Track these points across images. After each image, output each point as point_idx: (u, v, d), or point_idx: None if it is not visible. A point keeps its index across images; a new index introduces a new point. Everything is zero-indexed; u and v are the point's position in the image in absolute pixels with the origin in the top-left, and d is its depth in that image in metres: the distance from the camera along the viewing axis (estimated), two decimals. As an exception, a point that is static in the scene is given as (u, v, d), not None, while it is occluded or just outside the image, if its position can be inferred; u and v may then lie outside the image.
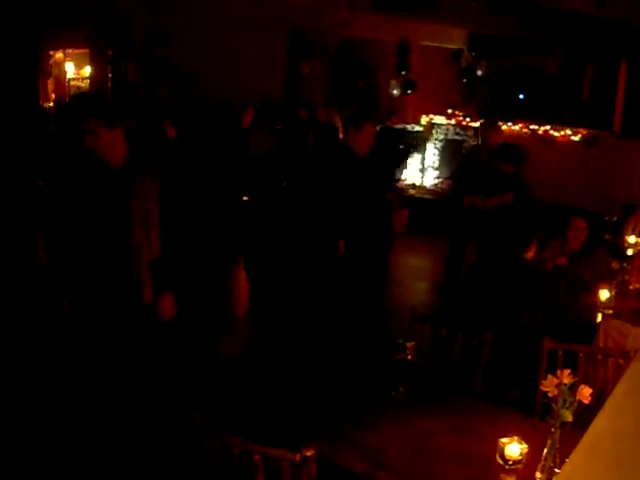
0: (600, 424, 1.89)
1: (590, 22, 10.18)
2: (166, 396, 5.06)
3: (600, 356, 3.96)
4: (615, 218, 7.51)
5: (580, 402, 2.86)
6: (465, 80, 12.43)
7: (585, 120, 12.16)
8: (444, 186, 12.02)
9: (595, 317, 5.21)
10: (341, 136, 10.41)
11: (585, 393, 2.83)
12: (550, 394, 2.85)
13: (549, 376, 2.87)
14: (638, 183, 9.64)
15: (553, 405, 2.87)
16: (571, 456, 1.71)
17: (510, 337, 5.33)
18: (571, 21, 10.67)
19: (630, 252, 6.55)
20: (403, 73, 12.74)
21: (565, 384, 2.85)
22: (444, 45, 12.92)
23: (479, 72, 11.74)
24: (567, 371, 2.88)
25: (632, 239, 6.71)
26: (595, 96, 13.08)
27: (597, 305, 5.21)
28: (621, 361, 3.81)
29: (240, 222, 9.44)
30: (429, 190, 12.67)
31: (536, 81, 13.60)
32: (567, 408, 2.84)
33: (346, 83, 13.75)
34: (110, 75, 10.90)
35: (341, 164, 6.21)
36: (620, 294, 5.42)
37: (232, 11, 10.83)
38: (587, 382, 3.63)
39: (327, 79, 13.53)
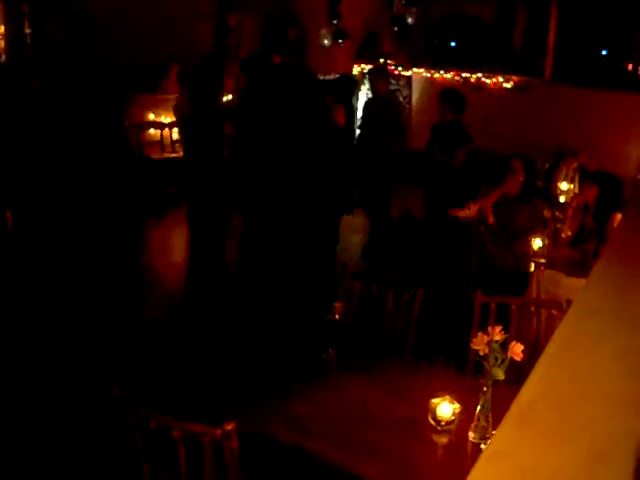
0: (530, 389, 1.76)
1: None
2: (84, 366, 4.86)
3: (533, 307, 3.88)
4: (547, 165, 7.44)
5: (513, 359, 2.76)
6: (396, 28, 12.19)
7: (517, 67, 12.09)
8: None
9: (528, 266, 5.14)
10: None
11: (516, 350, 2.73)
12: (481, 352, 2.74)
13: (479, 334, 2.76)
14: (569, 129, 9.62)
15: (484, 363, 2.76)
16: (500, 426, 1.58)
17: (442, 291, 5.23)
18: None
19: (562, 199, 6.51)
20: (334, 22, 12.40)
21: (496, 341, 2.75)
22: (375, -8, 12.65)
23: (410, 20, 11.53)
24: (498, 328, 2.78)
25: (564, 186, 6.66)
26: (527, 43, 13.01)
27: (530, 254, 5.14)
28: (554, 312, 3.73)
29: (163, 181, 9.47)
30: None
31: (469, 29, 13.46)
32: (499, 366, 2.74)
33: (276, 34, 13.39)
34: (29, 31, 10.43)
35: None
36: (553, 243, 5.37)
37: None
38: (520, 335, 3.56)
39: (257, 30, 13.16)
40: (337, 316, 3.40)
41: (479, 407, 2.81)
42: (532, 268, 5.05)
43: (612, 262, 3.00)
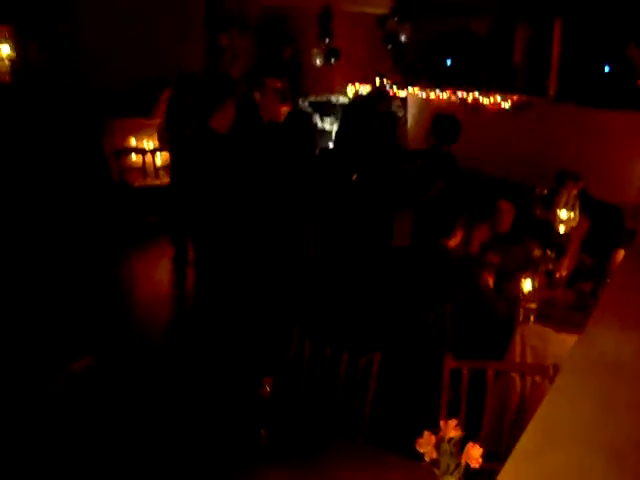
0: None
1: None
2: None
3: (514, 373, 3.26)
4: (545, 191, 6.83)
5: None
6: (390, 46, 11.66)
7: (518, 85, 11.51)
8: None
9: (518, 312, 4.50)
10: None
11: (474, 454, 2.12)
12: (427, 457, 2.14)
13: (425, 433, 2.15)
14: (572, 151, 9.00)
15: (435, 470, 2.16)
16: None
17: (411, 352, 4.56)
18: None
19: (562, 229, 5.89)
20: (326, 41, 11.91)
21: (449, 440, 2.15)
22: (368, 10, 12.11)
23: (403, 37, 10.98)
24: (452, 422, 2.17)
25: (563, 214, 6.04)
26: (528, 59, 12.44)
27: (520, 298, 4.50)
28: (537, 379, 3.12)
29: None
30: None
31: (466, 45, 12.88)
32: (451, 473, 2.14)
33: (271, 54, 12.97)
34: (12, 54, 10.07)
35: None
36: (545, 284, 4.73)
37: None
38: (499, 405, 2.96)
39: (250, 50, 12.76)
40: (268, 389, 2.78)
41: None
42: (521, 317, 4.38)
43: (605, 320, 2.43)
